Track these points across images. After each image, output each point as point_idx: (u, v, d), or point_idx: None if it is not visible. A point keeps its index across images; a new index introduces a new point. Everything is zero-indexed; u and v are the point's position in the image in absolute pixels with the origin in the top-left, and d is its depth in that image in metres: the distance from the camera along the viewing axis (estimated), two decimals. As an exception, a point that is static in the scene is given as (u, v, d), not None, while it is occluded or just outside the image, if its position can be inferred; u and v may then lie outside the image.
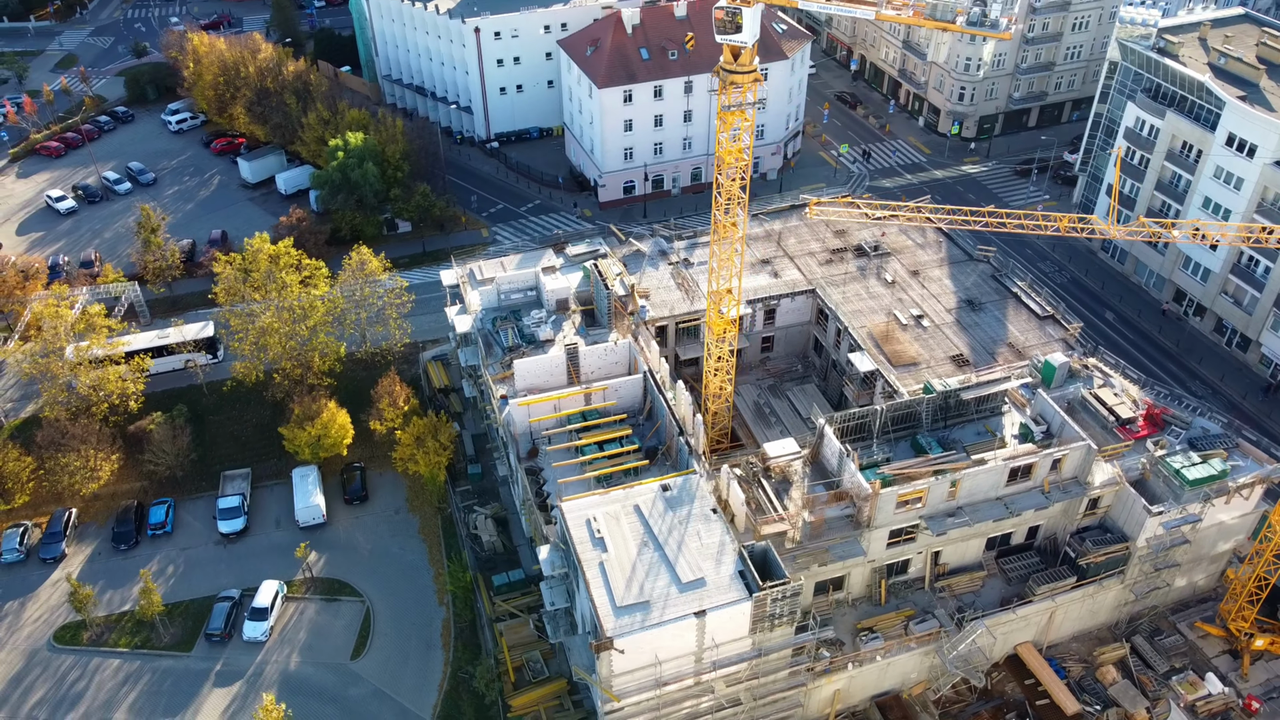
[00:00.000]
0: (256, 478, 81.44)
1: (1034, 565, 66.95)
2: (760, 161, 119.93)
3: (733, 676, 56.98)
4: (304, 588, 73.30)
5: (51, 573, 74.29)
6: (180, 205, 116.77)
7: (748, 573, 55.18)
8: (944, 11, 53.73)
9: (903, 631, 63.48)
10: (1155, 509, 63.18)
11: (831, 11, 57.00)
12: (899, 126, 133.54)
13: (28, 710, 65.47)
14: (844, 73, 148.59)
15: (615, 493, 60.68)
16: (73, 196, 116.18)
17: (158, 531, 77.06)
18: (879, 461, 65.29)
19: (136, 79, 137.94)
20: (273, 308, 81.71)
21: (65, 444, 76.41)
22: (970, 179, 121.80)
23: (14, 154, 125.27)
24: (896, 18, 55.81)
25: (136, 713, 65.33)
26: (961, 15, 52.88)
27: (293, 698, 66.00)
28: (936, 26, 54.59)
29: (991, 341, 77.85)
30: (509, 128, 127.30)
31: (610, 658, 52.76)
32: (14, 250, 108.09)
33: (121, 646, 69.16)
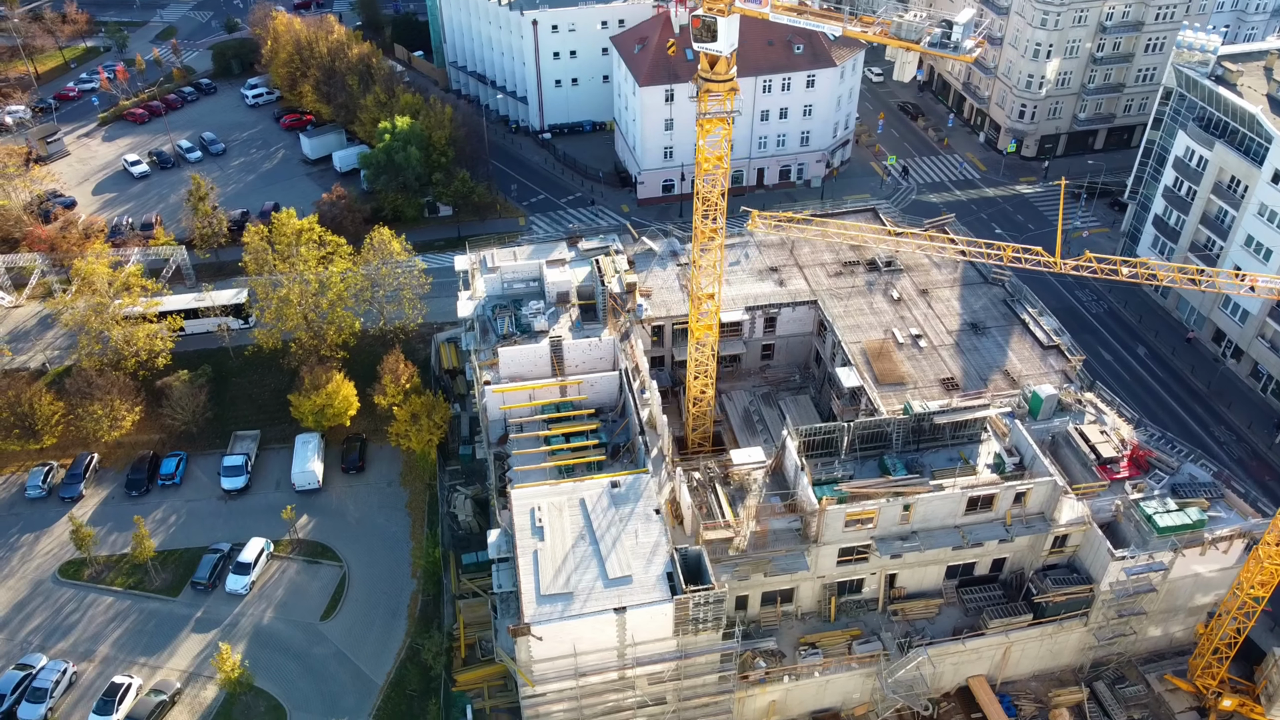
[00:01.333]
0: (265, 440, 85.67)
1: (995, 598, 65.66)
2: (805, 168, 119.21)
3: (656, 676, 57.84)
4: (290, 548, 76.98)
5: (68, 511, 79.73)
6: (243, 176, 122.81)
7: (675, 575, 55.87)
8: (909, 31, 53.13)
9: (845, 650, 63.22)
10: (1119, 553, 61.27)
11: (802, 26, 56.84)
12: (958, 141, 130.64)
13: (24, 635, 70.80)
14: (912, 83, 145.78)
15: (564, 484, 62.08)
16: (147, 162, 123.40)
17: (167, 482, 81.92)
18: (839, 478, 65.13)
19: (223, 53, 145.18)
20: (298, 280, 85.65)
21: (91, 393, 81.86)
22: (1022, 199, 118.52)
23: (102, 118, 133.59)
24: (862, 35, 55.46)
25: (118, 649, 69.93)
26: (927, 36, 52.27)
27: (260, 650, 69.69)
28: (901, 45, 54.03)
29: (987, 367, 76.21)
30: (562, 120, 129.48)
31: (529, 644, 54.24)
32: (87, 209, 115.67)
33: (116, 585, 73.99)
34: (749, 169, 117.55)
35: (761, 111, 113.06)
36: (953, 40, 52.18)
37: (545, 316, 78.66)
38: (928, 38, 52.65)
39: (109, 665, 68.76)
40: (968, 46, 52.70)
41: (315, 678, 68.14)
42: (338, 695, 66.91)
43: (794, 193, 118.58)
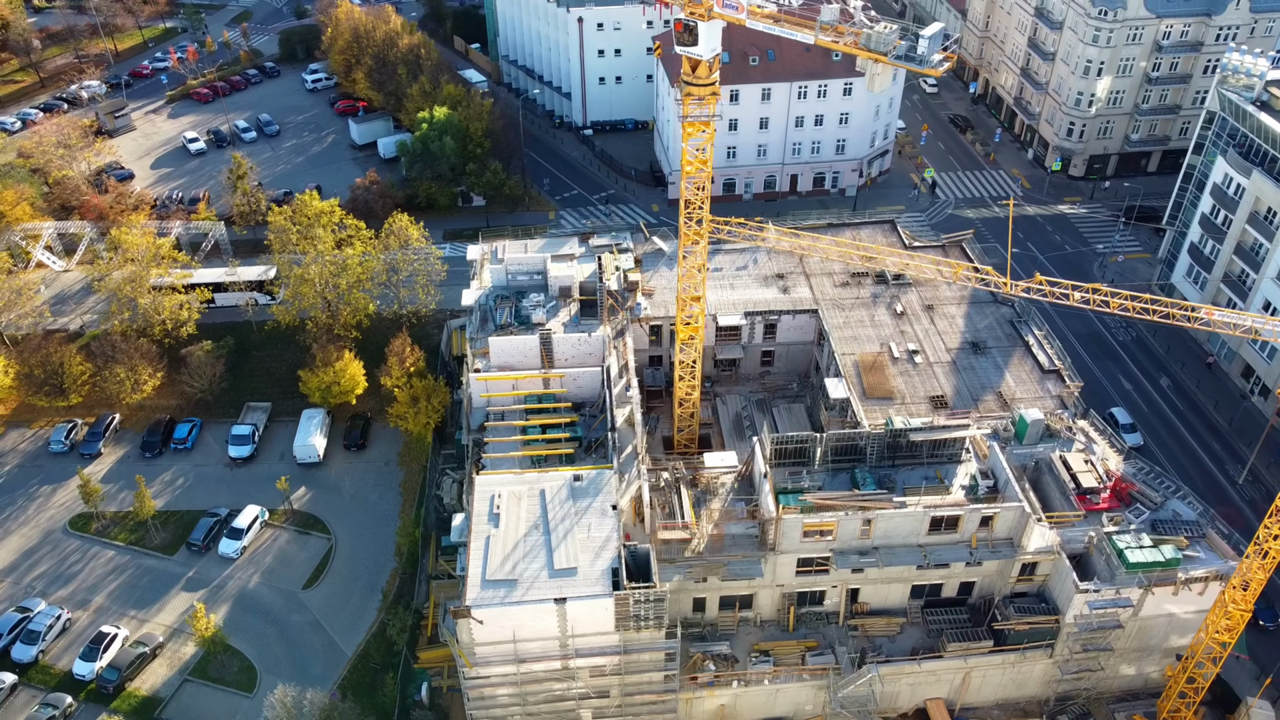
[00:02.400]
0: (276, 413, 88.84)
1: (960, 622, 64.59)
2: (840, 176, 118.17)
3: (598, 669, 58.58)
4: (284, 517, 79.78)
5: (86, 467, 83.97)
6: (292, 158, 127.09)
7: (620, 571, 56.51)
8: (878, 43, 52.70)
9: (799, 660, 63.00)
10: (1084, 585, 59.77)
11: (777, 34, 56.73)
12: (1006, 157, 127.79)
13: (29, 580, 74.94)
14: (964, 95, 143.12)
15: (529, 474, 63.23)
16: (204, 140, 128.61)
17: (179, 446, 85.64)
18: (805, 488, 64.91)
19: (289, 38, 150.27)
20: (316, 260, 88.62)
21: (116, 357, 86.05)
22: (1063, 219, 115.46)
23: (170, 97, 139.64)
24: (834, 44, 55.14)
25: (112, 600, 73.55)
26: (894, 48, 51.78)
27: (242, 613, 72.56)
28: (869, 56, 53.64)
29: (981, 388, 74.85)
30: (605, 117, 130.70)
31: (470, 626, 55.55)
32: (143, 181, 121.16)
33: (119, 541, 77.75)
34: (782, 175, 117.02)
35: (796, 118, 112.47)
36: (918, 54, 51.60)
37: (545, 309, 79.86)
38: (894, 50, 52.14)
39: (101, 615, 72.38)
40: (934, 60, 52.03)
41: (289, 643, 70.64)
42: (308, 662, 69.27)
43: (827, 201, 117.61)
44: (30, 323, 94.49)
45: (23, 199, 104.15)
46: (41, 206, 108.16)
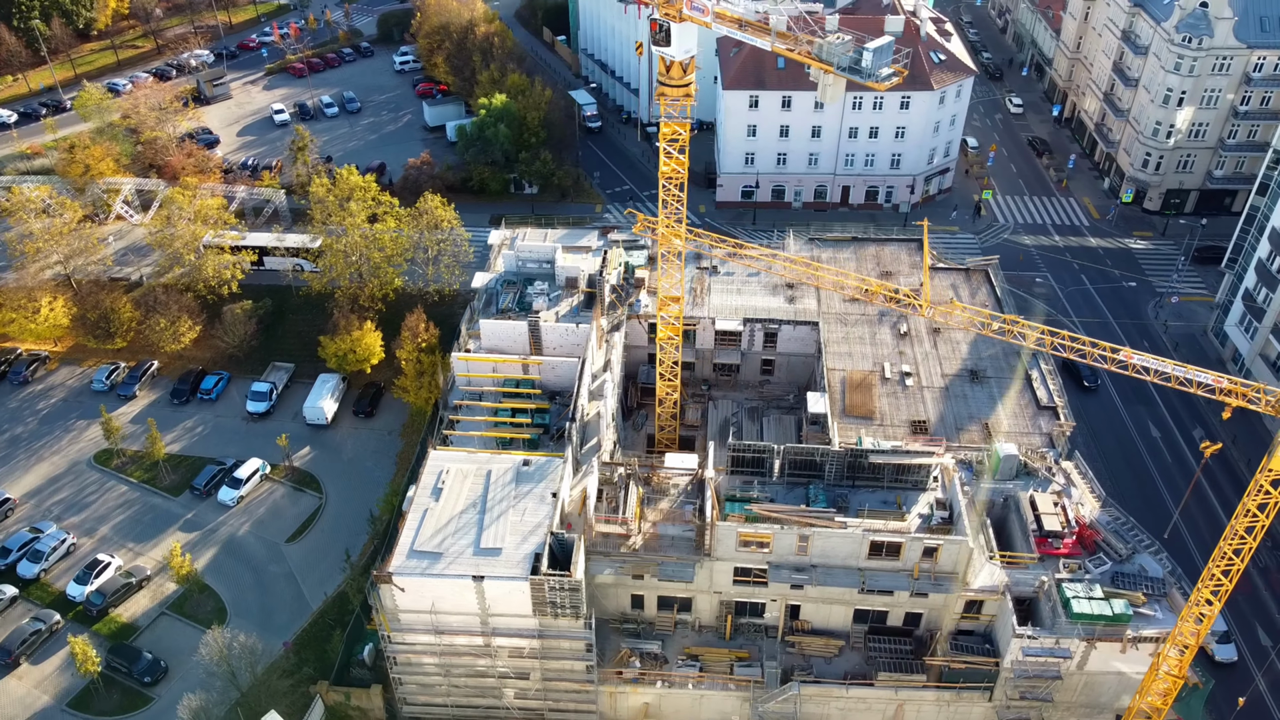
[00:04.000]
0: (298, 375, 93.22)
1: (902, 652, 63.05)
2: (894, 192, 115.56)
3: (516, 650, 59.74)
4: (284, 473, 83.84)
5: (121, 407, 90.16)
6: (366, 135, 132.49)
7: (543, 557, 57.45)
8: (829, 54, 51.84)
9: (727, 669, 62.66)
10: (1021, 630, 57.52)
11: (740, 38, 56.39)
12: (1079, 184, 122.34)
13: (48, 505, 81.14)
14: (1048, 118, 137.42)
15: (481, 455, 64.87)
16: (289, 112, 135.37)
17: (205, 397, 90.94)
18: (754, 498, 64.45)
19: (387, 20, 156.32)
20: (356, 232, 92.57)
21: (158, 308, 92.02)
22: (1126, 253, 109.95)
23: (268, 69, 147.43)
24: (787, 53, 54.51)
25: (115, 531, 78.94)
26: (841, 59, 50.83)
27: (226, 557, 76.80)
28: (818, 66, 52.83)
29: (968, 417, 72.46)
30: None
31: (392, 593, 57.56)
32: (227, 147, 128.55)
33: (133, 478, 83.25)
34: (833, 185, 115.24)
35: (850, 128, 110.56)
36: (863, 67, 50.56)
37: (548, 298, 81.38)
38: (841, 61, 51.24)
39: (103, 544, 77.79)
40: (883, 75, 50.88)
41: (262, 591, 74.40)
42: (274, 610, 72.82)
43: (879, 216, 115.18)
44: (97, 270, 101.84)
45: (109, 155, 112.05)
46: (128, 164, 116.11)
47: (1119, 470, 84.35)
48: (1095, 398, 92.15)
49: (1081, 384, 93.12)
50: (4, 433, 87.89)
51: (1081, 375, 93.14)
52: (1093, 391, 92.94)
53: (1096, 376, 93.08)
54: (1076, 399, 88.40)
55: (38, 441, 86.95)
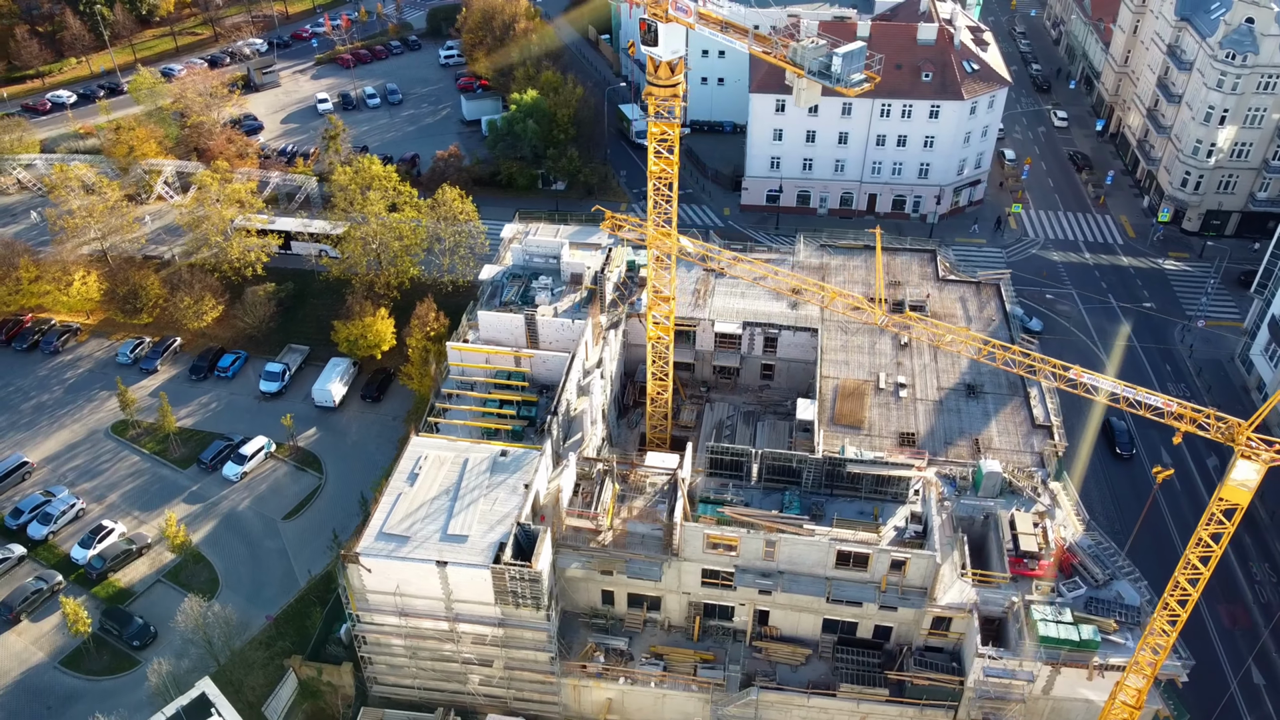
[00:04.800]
0: (312, 357, 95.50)
1: (870, 665, 62.31)
2: (921, 201, 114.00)
3: (480, 637, 60.52)
4: (288, 452, 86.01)
5: (142, 380, 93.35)
6: (404, 126, 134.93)
7: (507, 546, 58.09)
8: (802, 57, 51.51)
9: (690, 670, 62.64)
10: (984, 650, 56.54)
11: (721, 40, 56.29)
12: (1117, 202, 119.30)
13: (63, 470, 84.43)
14: (1091, 132, 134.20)
15: (461, 443, 65.79)
16: (332, 102, 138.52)
17: (222, 374, 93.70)
18: (728, 500, 64.37)
19: (436, 14, 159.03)
20: (365, 220, 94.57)
21: (183, 286, 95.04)
22: (1158, 274, 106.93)
23: (318, 60, 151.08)
24: (764, 55, 54.27)
25: (123, 499, 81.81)
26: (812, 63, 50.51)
27: (224, 530, 79.08)
28: (791, 69, 52.53)
29: (958, 432, 71.27)
30: (705, 117, 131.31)
31: (359, 572, 58.78)
32: (270, 133, 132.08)
33: (145, 449, 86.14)
34: (860, 193, 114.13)
35: (878, 136, 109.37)
36: (833, 72, 50.16)
37: (551, 293, 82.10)
38: (812, 65, 50.92)
39: (111, 510, 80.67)
40: (854, 80, 50.41)
41: (255, 565, 76.44)
42: (264, 584, 74.79)
43: (904, 225, 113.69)
44: (133, 248, 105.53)
45: (152, 137, 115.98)
46: (172, 147, 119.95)
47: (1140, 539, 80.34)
48: (1127, 468, 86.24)
49: (1114, 451, 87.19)
50: (31, 399, 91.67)
51: (1116, 441, 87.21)
52: (1126, 461, 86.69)
53: (1132, 444, 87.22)
54: (1109, 467, 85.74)
55: (61, 409, 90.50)
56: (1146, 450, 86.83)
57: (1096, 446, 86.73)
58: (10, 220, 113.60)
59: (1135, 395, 44.11)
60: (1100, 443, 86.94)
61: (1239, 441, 40.05)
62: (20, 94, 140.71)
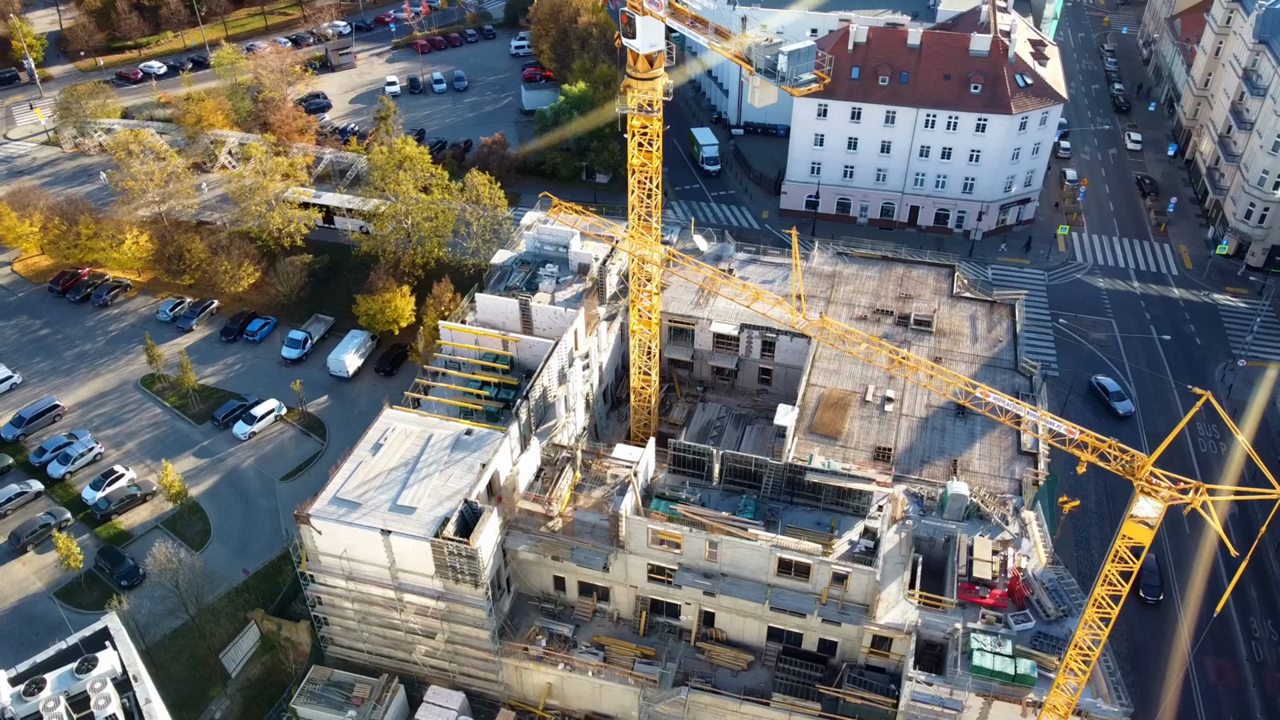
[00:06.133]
0: (336, 328, 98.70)
1: (810, 678, 61.15)
2: (965, 217, 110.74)
3: (422, 608, 61.80)
4: (297, 416, 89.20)
5: (177, 338, 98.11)
6: (465, 112, 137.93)
7: (451, 522, 59.18)
8: (753, 54, 50.86)
9: (629, 664, 62.65)
10: (914, 674, 55.00)
11: (688, 35, 55.89)
12: (1179, 231, 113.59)
13: (90, 416, 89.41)
14: (1163, 157, 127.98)
15: (430, 419, 67.24)
16: (400, 85, 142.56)
17: (250, 338, 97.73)
18: (683, 498, 64.25)
19: (513, 5, 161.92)
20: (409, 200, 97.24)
21: (223, 251, 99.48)
22: (1209, 309, 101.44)
23: (395, 44, 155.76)
24: (724, 51, 53.72)
25: (139, 447, 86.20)
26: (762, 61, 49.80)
27: (224, 486, 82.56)
28: (745, 66, 51.90)
29: (938, 451, 69.35)
30: (758, 119, 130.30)
31: (312, 534, 60.77)
32: (338, 111, 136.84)
33: (168, 402, 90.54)
34: (902, 204, 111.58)
35: (922, 147, 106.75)
36: (779, 70, 49.40)
37: (556, 281, 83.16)
38: (759, 63, 50.26)
39: (126, 457, 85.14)
40: (802, 80, 49.55)
41: (247, 521, 79.57)
42: (251, 540, 77.82)
43: (946, 241, 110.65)
44: (189, 213, 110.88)
45: (220, 109, 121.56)
46: (241, 120, 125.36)
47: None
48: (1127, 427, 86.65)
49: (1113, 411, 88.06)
50: (75, 347, 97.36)
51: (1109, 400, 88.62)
52: (1124, 420, 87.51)
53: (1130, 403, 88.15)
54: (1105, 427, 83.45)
55: (99, 359, 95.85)
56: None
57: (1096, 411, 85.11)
58: (87, 180, 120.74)
59: (1039, 419, 42.28)
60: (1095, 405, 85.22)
61: (1139, 477, 38.02)
62: (117, 63, 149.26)
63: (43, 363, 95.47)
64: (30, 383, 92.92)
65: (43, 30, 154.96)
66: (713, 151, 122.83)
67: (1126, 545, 39.82)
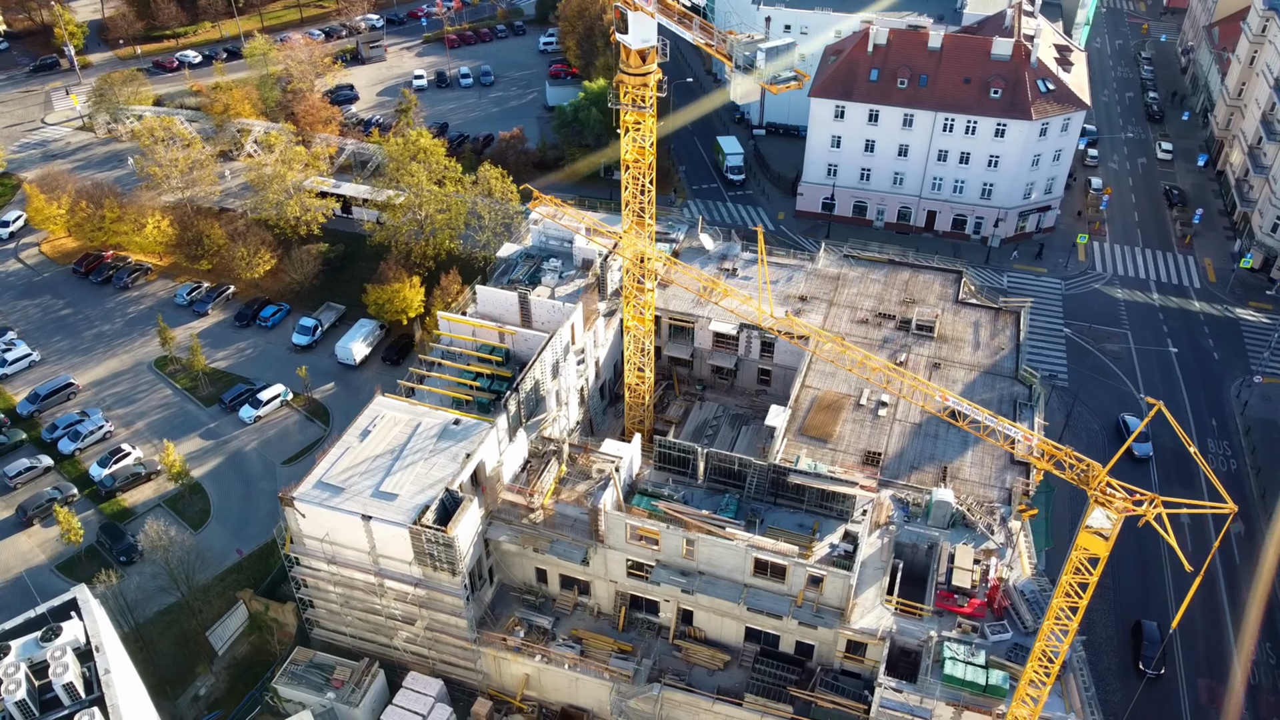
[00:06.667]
0: (346, 316, 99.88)
1: (786, 681, 60.83)
2: (983, 223, 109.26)
3: (401, 594, 62.39)
4: (302, 402, 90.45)
5: (192, 321, 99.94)
6: (489, 107, 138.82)
7: (431, 509, 59.64)
8: (734, 50, 50.63)
9: (605, 658, 62.73)
10: (884, 680, 54.48)
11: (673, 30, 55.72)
12: (1205, 244, 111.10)
13: (103, 394, 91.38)
14: (1193, 167, 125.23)
15: (419, 407, 67.83)
16: (427, 79, 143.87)
17: (263, 324, 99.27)
18: (665, 495, 64.26)
19: (543, 2, 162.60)
20: (406, 191, 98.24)
21: (240, 238, 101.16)
22: (1230, 325, 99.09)
23: (425, 38, 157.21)
24: (706, 46, 53.53)
25: (148, 427, 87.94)
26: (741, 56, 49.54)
27: (226, 468, 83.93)
28: (725, 61, 51.65)
29: (928, 458, 68.57)
30: (780, 120, 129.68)
31: (296, 515, 61.63)
32: (365, 104, 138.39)
33: (178, 384, 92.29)
34: (918, 208, 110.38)
35: (939, 151, 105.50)
36: (756, 66, 49.10)
37: (559, 275, 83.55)
38: (738, 58, 50.00)
39: (134, 436, 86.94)
40: (783, 77, 49.22)
41: (247, 503, 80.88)
42: (249, 522, 79.07)
43: (962, 247, 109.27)
44: (211, 199, 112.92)
45: (246, 99, 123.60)
46: (266, 109, 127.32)
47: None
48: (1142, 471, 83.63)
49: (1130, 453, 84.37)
50: (94, 328, 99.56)
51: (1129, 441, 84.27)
52: (1141, 463, 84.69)
53: (1150, 444, 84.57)
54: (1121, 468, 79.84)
55: (116, 340, 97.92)
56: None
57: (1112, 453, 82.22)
58: (117, 165, 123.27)
59: (997, 425, 41.64)
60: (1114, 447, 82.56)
61: (1093, 486, 37.30)
62: (154, 52, 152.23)
63: (62, 341, 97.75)
64: (48, 360, 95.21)
65: (85, 18, 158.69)
66: (737, 161, 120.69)
67: (1083, 557, 39.10)
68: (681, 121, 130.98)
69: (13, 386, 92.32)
